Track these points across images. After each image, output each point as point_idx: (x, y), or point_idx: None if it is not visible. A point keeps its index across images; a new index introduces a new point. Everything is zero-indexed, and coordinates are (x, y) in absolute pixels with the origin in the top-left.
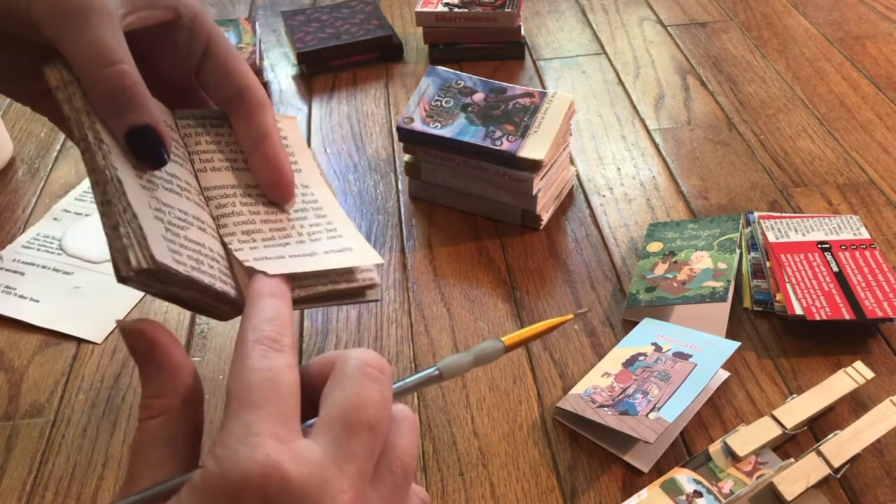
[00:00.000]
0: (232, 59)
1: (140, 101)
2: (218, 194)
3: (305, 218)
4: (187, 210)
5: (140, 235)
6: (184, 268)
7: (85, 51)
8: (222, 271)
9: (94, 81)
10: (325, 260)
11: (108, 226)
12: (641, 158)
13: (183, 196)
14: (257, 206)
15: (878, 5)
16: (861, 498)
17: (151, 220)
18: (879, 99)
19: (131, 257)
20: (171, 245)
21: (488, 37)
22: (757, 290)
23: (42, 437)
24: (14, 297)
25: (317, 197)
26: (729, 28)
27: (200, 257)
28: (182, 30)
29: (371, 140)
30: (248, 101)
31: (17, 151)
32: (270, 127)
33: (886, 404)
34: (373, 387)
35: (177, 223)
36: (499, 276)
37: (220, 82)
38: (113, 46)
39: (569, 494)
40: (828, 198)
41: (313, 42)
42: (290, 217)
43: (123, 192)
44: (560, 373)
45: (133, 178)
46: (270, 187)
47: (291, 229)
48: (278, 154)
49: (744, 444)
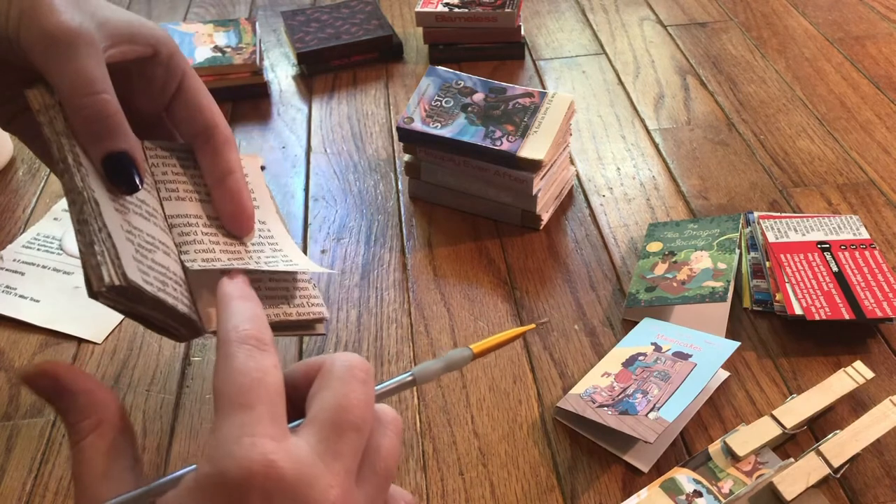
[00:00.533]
0: (203, 98)
1: (119, 129)
2: (181, 222)
3: (262, 251)
4: (154, 234)
5: (114, 254)
6: (151, 288)
7: (71, 79)
8: (184, 294)
9: (78, 108)
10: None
11: (83, 243)
12: (641, 158)
13: (150, 221)
14: (217, 236)
15: (878, 5)
16: (861, 498)
17: (124, 241)
18: (879, 99)
19: (104, 273)
20: (141, 266)
21: (488, 37)
22: (757, 290)
23: (42, 437)
24: (14, 297)
25: (273, 233)
26: (729, 28)
27: (166, 279)
28: (159, 66)
29: (371, 140)
30: (214, 138)
31: (17, 151)
32: (234, 163)
33: (886, 404)
34: (359, 388)
35: (146, 246)
36: (499, 276)
37: (189, 118)
38: (97, 76)
39: (569, 494)
40: (827, 198)
41: (313, 42)
42: (248, 249)
43: (100, 212)
44: (560, 373)
45: (108, 201)
46: (231, 220)
47: (249, 259)
48: (241, 189)
49: (744, 443)
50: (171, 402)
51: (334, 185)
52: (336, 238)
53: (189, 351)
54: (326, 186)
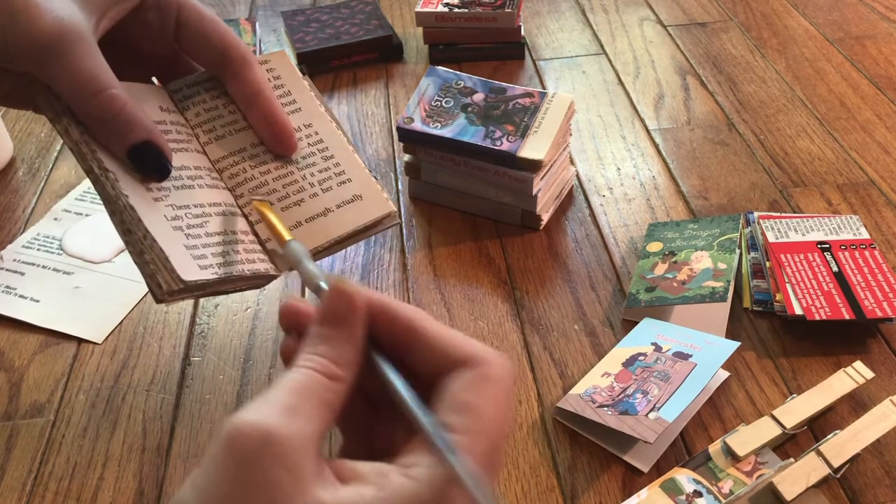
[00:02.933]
0: (206, 23)
1: (134, 119)
2: (228, 164)
3: (314, 164)
4: (202, 200)
5: (164, 258)
6: (211, 270)
7: (71, 83)
8: (248, 249)
9: (88, 111)
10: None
11: (134, 253)
12: (641, 158)
13: (195, 186)
14: (267, 163)
15: (878, 5)
16: (861, 498)
17: (171, 236)
18: (879, 99)
19: (161, 281)
20: (195, 252)
21: (488, 37)
22: (757, 290)
23: (42, 437)
24: (14, 297)
25: (321, 135)
26: (729, 28)
27: (225, 248)
28: (150, 10)
29: (371, 140)
30: (231, 62)
31: (17, 151)
32: (259, 82)
33: (886, 404)
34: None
35: (195, 223)
36: (499, 276)
37: (200, 47)
38: (96, 73)
39: (569, 494)
40: (827, 198)
41: (313, 42)
42: (300, 166)
43: (139, 218)
44: (560, 373)
45: (145, 197)
46: (273, 143)
47: (303, 180)
48: (272, 108)
49: (744, 444)
50: (171, 402)
51: None
52: None
53: (189, 351)
54: None
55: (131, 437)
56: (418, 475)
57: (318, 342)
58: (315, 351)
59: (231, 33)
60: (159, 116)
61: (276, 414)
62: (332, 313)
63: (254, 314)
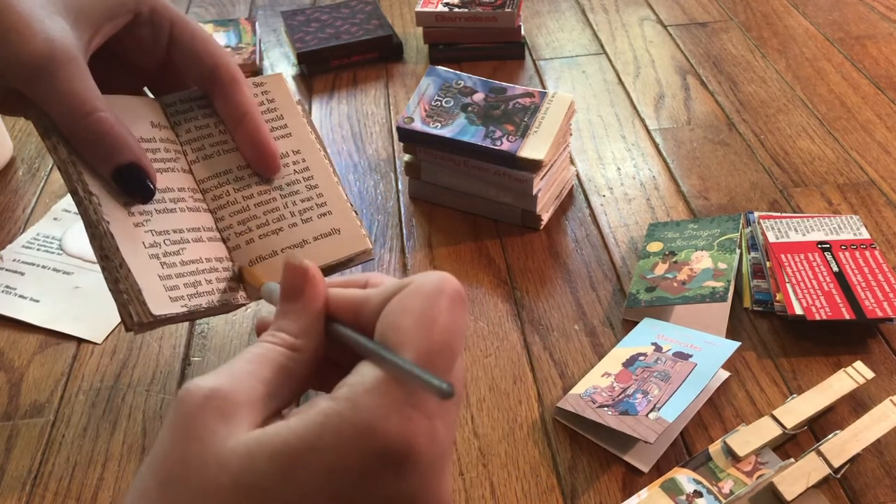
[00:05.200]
0: (198, 41)
1: (120, 142)
2: (212, 185)
3: (297, 192)
4: (182, 225)
5: (136, 290)
6: (181, 303)
7: (60, 104)
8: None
9: (76, 132)
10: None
11: (110, 280)
12: (641, 158)
13: (177, 210)
14: (250, 187)
15: (878, 5)
16: (861, 498)
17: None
18: (879, 99)
19: (132, 312)
20: (168, 283)
21: (488, 37)
22: (757, 290)
23: (42, 437)
24: (14, 297)
25: (308, 163)
26: (729, 28)
27: (198, 277)
28: (143, 25)
29: (371, 140)
30: (220, 81)
31: (17, 151)
32: (247, 103)
33: (886, 404)
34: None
35: (172, 251)
36: (499, 276)
37: (191, 64)
38: (86, 96)
39: (569, 494)
40: (828, 198)
41: (313, 42)
42: (283, 193)
43: (117, 247)
44: (560, 373)
45: (126, 223)
46: (256, 164)
47: (284, 208)
48: (258, 130)
49: (744, 444)
50: (171, 402)
51: None
52: None
53: (189, 351)
54: None
55: (131, 437)
56: (340, 394)
57: (279, 318)
58: (276, 326)
59: (222, 52)
60: (149, 133)
61: (224, 376)
62: (289, 288)
63: (253, 314)
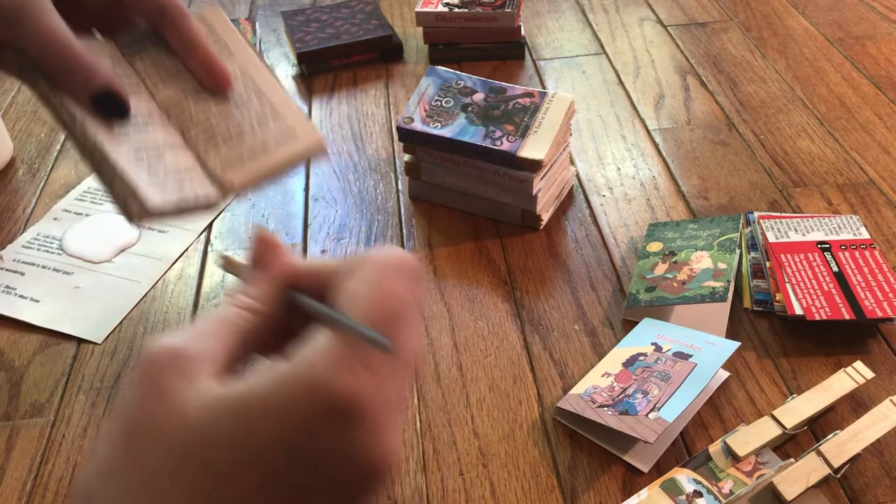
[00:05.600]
0: None
1: (93, 68)
2: (174, 106)
3: (251, 101)
4: (157, 139)
5: (132, 189)
6: (171, 197)
7: (38, 40)
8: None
9: (52, 65)
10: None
11: (106, 184)
12: (641, 158)
13: (149, 128)
14: (208, 105)
15: (878, 5)
16: (861, 498)
17: (136, 171)
18: (879, 99)
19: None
20: (156, 181)
21: (488, 37)
22: (757, 290)
23: (42, 437)
24: (14, 297)
25: (255, 79)
26: (729, 28)
27: (181, 177)
28: None
29: (371, 140)
30: (168, 16)
31: (17, 151)
32: (194, 32)
33: (886, 404)
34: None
35: (154, 157)
36: (499, 276)
37: (138, 3)
38: (61, 30)
39: (569, 494)
40: (828, 198)
41: (313, 42)
42: (238, 106)
43: (108, 155)
44: (560, 373)
45: (110, 137)
46: (211, 84)
47: (242, 118)
48: (208, 53)
49: (744, 444)
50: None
51: (334, 185)
52: (336, 238)
53: None
54: (326, 186)
55: None
56: (296, 354)
57: (244, 285)
58: (241, 292)
59: None
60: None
61: (187, 335)
62: (256, 257)
63: None
